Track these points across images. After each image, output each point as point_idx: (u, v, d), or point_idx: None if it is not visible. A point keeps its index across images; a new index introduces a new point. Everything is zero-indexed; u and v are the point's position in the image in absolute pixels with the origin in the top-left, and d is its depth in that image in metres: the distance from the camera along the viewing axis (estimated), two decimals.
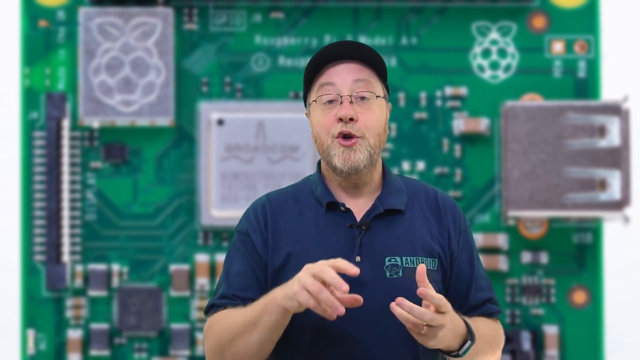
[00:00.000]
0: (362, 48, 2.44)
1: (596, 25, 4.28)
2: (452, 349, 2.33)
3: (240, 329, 2.34)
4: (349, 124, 2.40)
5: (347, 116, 2.39)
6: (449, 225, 2.47)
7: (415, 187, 2.51)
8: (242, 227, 2.47)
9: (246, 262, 2.43)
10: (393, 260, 2.39)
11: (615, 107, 4.12)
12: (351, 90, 2.42)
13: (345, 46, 2.44)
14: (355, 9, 4.29)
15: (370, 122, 2.42)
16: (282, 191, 2.52)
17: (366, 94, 2.42)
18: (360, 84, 2.42)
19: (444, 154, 4.27)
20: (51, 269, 4.20)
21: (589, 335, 4.25)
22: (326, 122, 2.42)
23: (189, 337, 4.23)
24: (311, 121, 2.48)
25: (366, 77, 2.43)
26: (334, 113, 2.42)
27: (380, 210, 2.43)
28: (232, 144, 4.21)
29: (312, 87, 2.47)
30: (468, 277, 2.48)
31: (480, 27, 4.29)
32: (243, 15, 4.30)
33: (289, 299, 2.24)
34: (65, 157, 4.22)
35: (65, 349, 4.23)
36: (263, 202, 2.49)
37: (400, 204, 2.45)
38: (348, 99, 2.41)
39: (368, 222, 2.41)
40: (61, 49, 4.27)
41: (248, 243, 2.45)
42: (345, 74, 2.42)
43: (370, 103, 2.43)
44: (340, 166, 2.41)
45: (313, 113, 2.47)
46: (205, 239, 4.25)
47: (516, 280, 4.25)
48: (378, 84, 2.45)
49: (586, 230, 4.26)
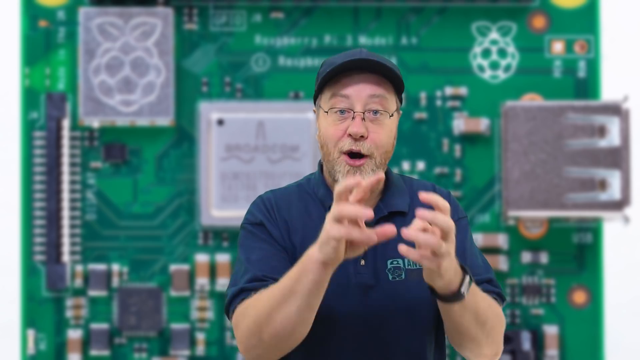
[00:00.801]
0: (382, 62, 2.39)
1: (596, 25, 4.28)
2: (453, 286, 2.23)
3: (278, 300, 2.21)
4: (359, 141, 2.37)
5: (358, 134, 2.36)
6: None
7: (415, 186, 2.50)
8: (254, 219, 2.43)
9: (267, 248, 2.38)
10: (395, 262, 2.39)
11: (615, 107, 4.12)
12: (364, 105, 2.38)
13: (365, 58, 2.38)
14: (355, 9, 4.29)
15: (381, 140, 2.39)
16: (285, 188, 2.51)
17: (380, 109, 2.39)
18: (375, 100, 2.38)
19: (444, 154, 4.27)
20: (51, 269, 4.20)
21: (589, 335, 4.25)
22: (335, 134, 2.39)
23: (189, 337, 4.23)
24: (319, 125, 2.44)
25: (381, 93, 2.39)
26: (344, 127, 2.38)
27: (385, 212, 2.42)
28: (232, 144, 4.21)
29: (324, 91, 2.43)
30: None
31: (480, 27, 4.29)
32: (243, 15, 4.30)
33: (324, 246, 2.15)
34: (65, 157, 4.22)
35: (65, 349, 4.23)
36: (269, 197, 2.48)
37: (403, 205, 2.44)
38: (360, 115, 2.37)
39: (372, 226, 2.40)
40: (61, 49, 4.27)
41: (264, 232, 2.41)
42: (361, 88, 2.38)
43: (383, 119, 2.39)
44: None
45: (322, 119, 2.43)
46: (205, 239, 4.25)
47: (516, 280, 4.25)
48: (393, 98, 2.42)
49: (586, 230, 4.26)
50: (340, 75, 2.40)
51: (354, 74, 2.39)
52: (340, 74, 2.40)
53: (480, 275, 2.42)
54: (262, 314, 2.23)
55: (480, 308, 2.31)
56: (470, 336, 2.33)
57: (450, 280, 2.21)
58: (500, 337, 2.40)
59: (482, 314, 2.31)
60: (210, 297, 4.24)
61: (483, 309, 2.32)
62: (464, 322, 2.30)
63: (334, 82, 2.40)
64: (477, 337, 2.33)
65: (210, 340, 4.25)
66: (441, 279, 2.20)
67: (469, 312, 2.28)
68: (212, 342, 4.25)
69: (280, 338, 2.23)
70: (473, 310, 2.29)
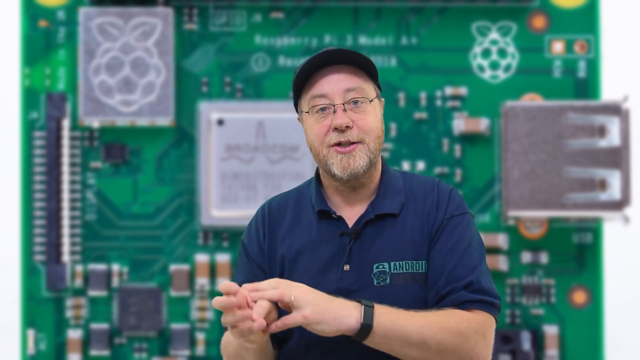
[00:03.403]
0: (349, 54, 2.38)
1: (596, 25, 4.28)
2: (352, 324, 2.21)
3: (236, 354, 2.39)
4: (345, 132, 2.37)
5: (343, 125, 2.36)
6: (437, 212, 2.40)
7: (415, 184, 2.46)
8: (244, 237, 2.50)
9: (247, 273, 2.44)
10: (381, 267, 2.36)
11: (615, 107, 4.12)
12: (343, 99, 2.38)
13: (332, 54, 2.38)
14: (355, 9, 4.29)
15: (368, 125, 2.38)
16: (285, 195, 2.52)
17: (359, 99, 2.39)
18: (352, 93, 2.38)
19: (444, 154, 4.27)
20: (51, 269, 4.20)
21: (589, 335, 4.25)
22: (320, 131, 2.39)
23: (189, 337, 4.23)
24: (305, 130, 2.45)
25: (356, 84, 2.39)
26: (327, 123, 2.38)
27: (371, 216, 2.40)
28: (232, 144, 4.21)
29: (301, 96, 2.44)
30: (441, 267, 2.35)
31: (480, 27, 4.29)
32: (243, 15, 4.30)
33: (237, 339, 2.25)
34: (65, 157, 4.22)
35: (65, 349, 4.23)
36: (263, 210, 2.50)
37: (394, 207, 2.41)
38: (341, 107, 2.37)
39: (358, 230, 2.38)
40: (61, 49, 4.27)
41: (247, 254, 2.46)
42: (335, 84, 2.38)
43: (364, 106, 2.39)
44: (339, 174, 2.38)
45: (306, 122, 2.43)
46: (205, 239, 4.25)
47: (516, 280, 4.25)
48: (370, 85, 2.42)
49: (586, 230, 4.26)
50: (313, 77, 2.39)
51: (325, 71, 2.39)
52: (313, 75, 2.39)
53: (459, 279, 2.33)
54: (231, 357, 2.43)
55: (409, 330, 2.23)
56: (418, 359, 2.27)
57: (337, 322, 2.20)
58: (464, 346, 2.27)
59: (414, 335, 2.23)
60: (210, 297, 4.24)
61: (413, 329, 2.24)
62: (396, 349, 2.24)
63: (308, 84, 2.40)
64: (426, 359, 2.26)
65: (210, 340, 4.25)
66: (325, 325, 2.20)
67: (393, 339, 2.23)
68: (212, 342, 4.25)
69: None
70: (398, 335, 2.23)
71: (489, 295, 2.33)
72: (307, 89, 2.41)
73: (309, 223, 2.41)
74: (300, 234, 2.41)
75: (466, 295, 2.32)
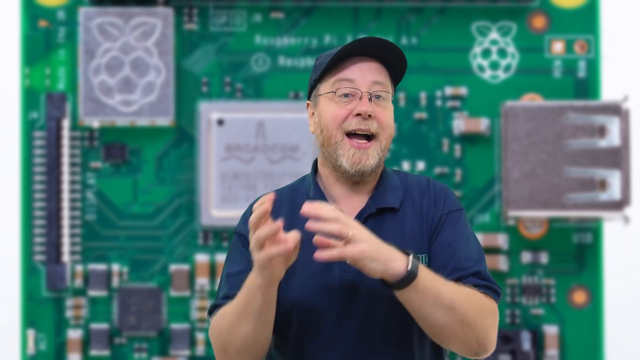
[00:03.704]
0: (390, 47, 2.38)
1: (596, 25, 4.28)
2: (397, 268, 2.20)
3: (234, 322, 2.32)
4: (368, 120, 2.36)
5: (367, 112, 2.35)
6: (435, 208, 2.41)
7: (410, 181, 2.47)
8: (239, 229, 2.47)
9: (245, 262, 2.41)
10: None
11: (615, 107, 4.12)
12: (370, 89, 2.38)
13: (373, 42, 2.38)
14: (355, 9, 4.29)
15: (387, 121, 2.39)
16: (279, 191, 2.50)
17: (383, 94, 2.39)
18: (378, 86, 2.38)
19: (444, 154, 4.27)
20: (51, 269, 4.20)
21: (589, 335, 4.25)
22: (340, 114, 2.38)
23: (189, 337, 4.23)
24: (319, 112, 2.42)
25: (383, 80, 2.39)
26: (350, 107, 2.37)
27: (373, 210, 2.40)
28: (232, 144, 4.21)
29: (324, 79, 2.42)
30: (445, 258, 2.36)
31: (480, 27, 4.29)
32: (243, 15, 4.30)
33: (260, 272, 2.23)
34: (65, 157, 4.22)
35: (65, 349, 4.23)
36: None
37: (394, 201, 2.41)
38: (367, 95, 2.37)
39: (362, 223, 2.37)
40: (61, 49, 4.27)
41: (245, 244, 2.43)
42: (365, 73, 2.38)
43: (386, 103, 2.40)
44: (348, 168, 2.37)
45: (324, 104, 2.41)
46: (205, 239, 4.25)
47: (516, 280, 4.25)
48: (391, 85, 2.42)
49: (586, 230, 4.26)
50: (343, 62, 2.39)
51: (356, 59, 2.39)
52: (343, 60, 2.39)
53: (466, 269, 2.35)
54: (224, 333, 2.36)
55: (443, 292, 2.24)
56: (441, 325, 2.26)
57: (387, 264, 2.20)
58: (481, 324, 2.29)
59: (447, 298, 2.24)
60: (210, 297, 4.24)
61: (447, 293, 2.25)
62: (426, 308, 2.24)
63: (336, 69, 2.40)
64: (448, 325, 2.26)
65: (210, 340, 4.25)
66: (376, 263, 2.19)
67: (428, 296, 2.23)
68: None
69: (243, 353, 2.34)
70: (433, 293, 2.23)
71: (494, 284, 2.37)
72: (335, 72, 2.40)
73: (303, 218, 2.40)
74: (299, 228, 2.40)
75: (476, 281, 2.34)
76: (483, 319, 2.30)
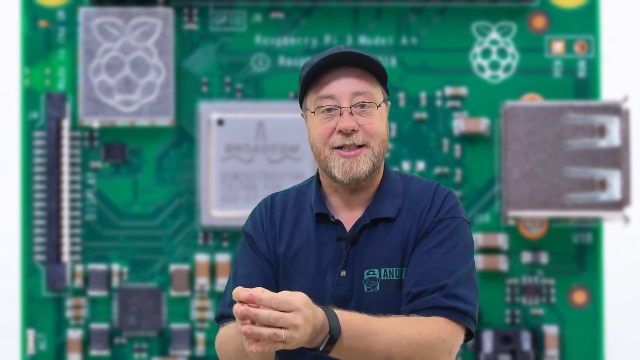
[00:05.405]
0: (360, 57, 2.35)
1: (596, 25, 4.28)
2: (316, 343, 2.16)
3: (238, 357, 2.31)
4: (351, 135, 2.33)
5: (348, 128, 2.33)
6: (429, 214, 2.36)
7: (413, 188, 2.42)
8: (248, 227, 2.46)
9: (252, 263, 2.41)
10: (371, 273, 2.34)
11: (615, 107, 4.12)
12: (350, 102, 2.34)
13: (343, 52, 2.35)
14: (355, 9, 4.29)
15: (374, 129, 2.35)
16: (286, 192, 2.49)
17: (367, 103, 2.35)
18: (359, 97, 2.35)
19: (444, 154, 4.27)
20: (51, 269, 4.20)
21: (589, 335, 4.25)
22: (324, 132, 2.35)
23: (189, 337, 4.23)
24: (308, 127, 2.42)
25: (365, 89, 2.35)
26: (332, 124, 2.35)
27: (367, 221, 2.37)
28: (232, 144, 4.21)
29: (308, 94, 2.40)
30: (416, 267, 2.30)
31: (480, 27, 4.29)
32: (243, 15, 4.30)
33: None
34: (65, 157, 4.22)
35: (65, 349, 4.23)
36: (266, 204, 2.47)
37: (391, 211, 2.37)
38: (348, 110, 2.34)
39: (355, 236, 2.36)
40: (61, 49, 4.27)
41: (253, 245, 2.43)
42: (343, 86, 2.35)
43: (371, 110, 2.36)
44: (340, 177, 2.35)
45: (310, 121, 2.40)
46: (205, 239, 4.25)
47: (516, 280, 4.25)
48: (378, 89, 2.39)
49: (586, 230, 4.26)
50: (322, 76, 2.36)
51: (335, 71, 2.36)
52: (322, 74, 2.36)
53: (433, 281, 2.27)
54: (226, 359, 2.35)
55: (376, 347, 2.18)
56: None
57: (312, 341, 2.14)
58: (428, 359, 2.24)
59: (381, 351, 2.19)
60: (210, 297, 4.24)
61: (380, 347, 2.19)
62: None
63: (316, 84, 2.37)
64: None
65: (210, 340, 4.25)
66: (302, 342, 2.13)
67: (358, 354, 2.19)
68: (212, 342, 4.24)
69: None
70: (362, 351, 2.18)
71: (463, 302, 2.28)
72: (315, 89, 2.37)
73: (307, 224, 2.39)
74: (299, 234, 2.39)
75: (438, 300, 2.26)
76: (432, 352, 2.23)
